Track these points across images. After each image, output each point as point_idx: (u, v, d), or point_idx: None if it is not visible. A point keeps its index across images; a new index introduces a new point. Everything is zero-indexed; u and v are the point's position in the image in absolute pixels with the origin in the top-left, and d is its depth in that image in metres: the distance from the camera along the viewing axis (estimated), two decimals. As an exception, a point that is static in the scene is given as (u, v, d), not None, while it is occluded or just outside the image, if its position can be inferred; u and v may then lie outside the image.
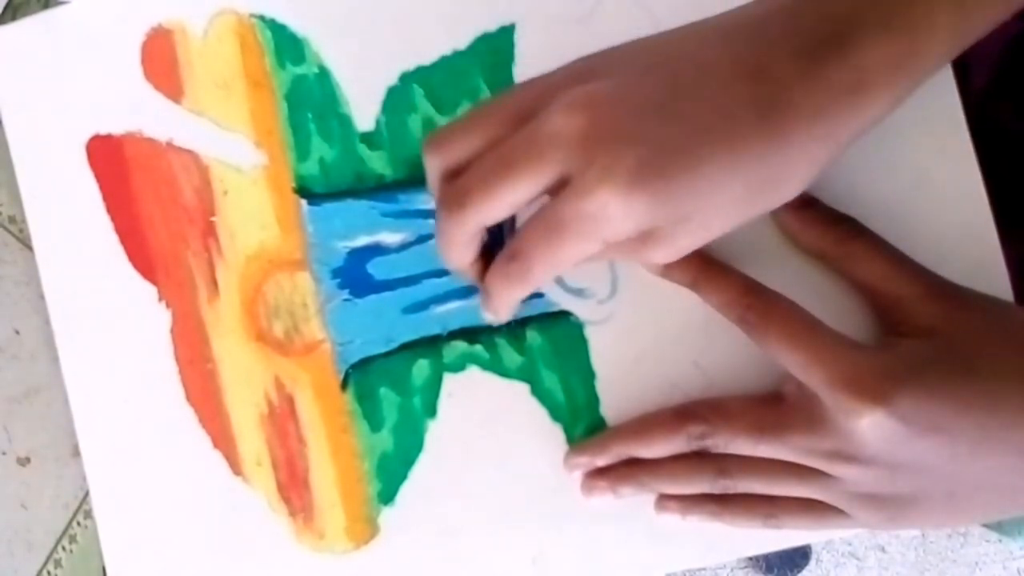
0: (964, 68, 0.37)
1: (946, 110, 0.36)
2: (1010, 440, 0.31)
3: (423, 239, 0.38)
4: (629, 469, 0.37)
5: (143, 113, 0.40)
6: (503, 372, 0.38)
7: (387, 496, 0.39)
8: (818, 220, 0.36)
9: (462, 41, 0.38)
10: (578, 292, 0.38)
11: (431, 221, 0.38)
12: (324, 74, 0.39)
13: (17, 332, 0.40)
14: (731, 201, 0.29)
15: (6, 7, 0.41)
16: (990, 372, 0.32)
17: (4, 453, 0.40)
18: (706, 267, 0.35)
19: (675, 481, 0.36)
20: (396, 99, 0.39)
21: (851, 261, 0.35)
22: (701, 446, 0.35)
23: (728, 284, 0.34)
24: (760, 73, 0.29)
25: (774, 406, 0.35)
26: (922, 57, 0.29)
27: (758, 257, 0.36)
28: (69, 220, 0.40)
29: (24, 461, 0.40)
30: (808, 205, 0.36)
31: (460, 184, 0.30)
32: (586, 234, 0.29)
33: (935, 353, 0.32)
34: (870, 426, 0.31)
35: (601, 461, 0.37)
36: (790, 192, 0.30)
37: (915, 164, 0.36)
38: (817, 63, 0.29)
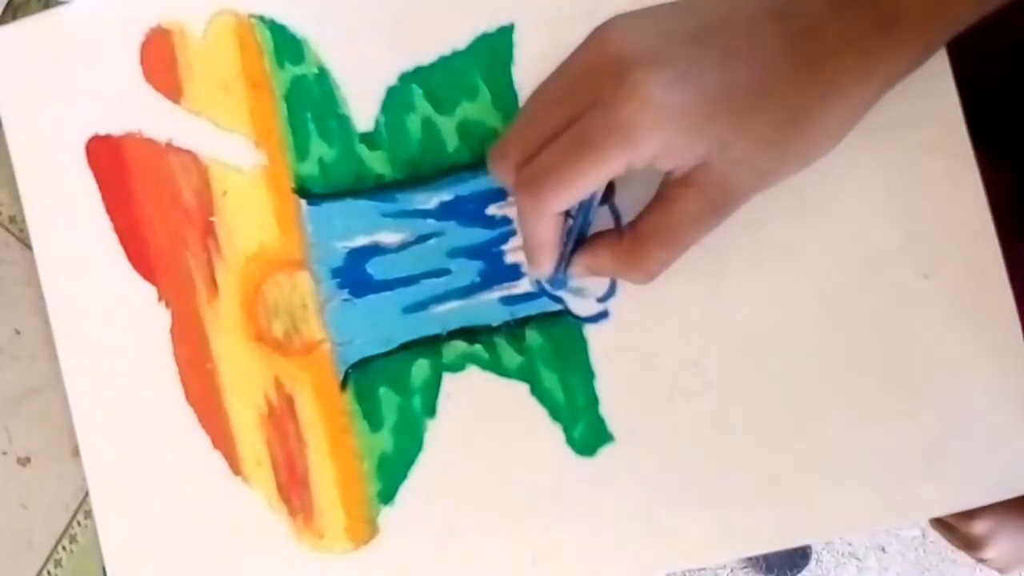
0: (979, 61, 0.37)
1: (944, 109, 0.36)
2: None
3: (422, 239, 0.39)
4: None
5: (142, 114, 0.40)
6: (502, 372, 0.38)
7: (387, 496, 0.39)
8: None
9: (461, 41, 0.38)
10: (577, 291, 0.38)
11: (430, 221, 0.38)
12: (323, 74, 0.39)
13: (17, 332, 0.40)
14: (765, 134, 0.30)
15: (6, 7, 0.41)
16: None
17: (4, 453, 0.40)
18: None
19: None
20: (395, 99, 0.39)
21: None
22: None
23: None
24: (789, 10, 0.29)
25: None
26: (954, 5, 0.30)
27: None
28: (69, 221, 0.40)
29: (24, 461, 0.40)
30: None
31: (535, 169, 0.30)
32: (613, 147, 0.29)
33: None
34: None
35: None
36: (825, 138, 0.30)
37: (914, 161, 0.36)
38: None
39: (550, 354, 0.38)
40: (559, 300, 0.38)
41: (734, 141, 0.29)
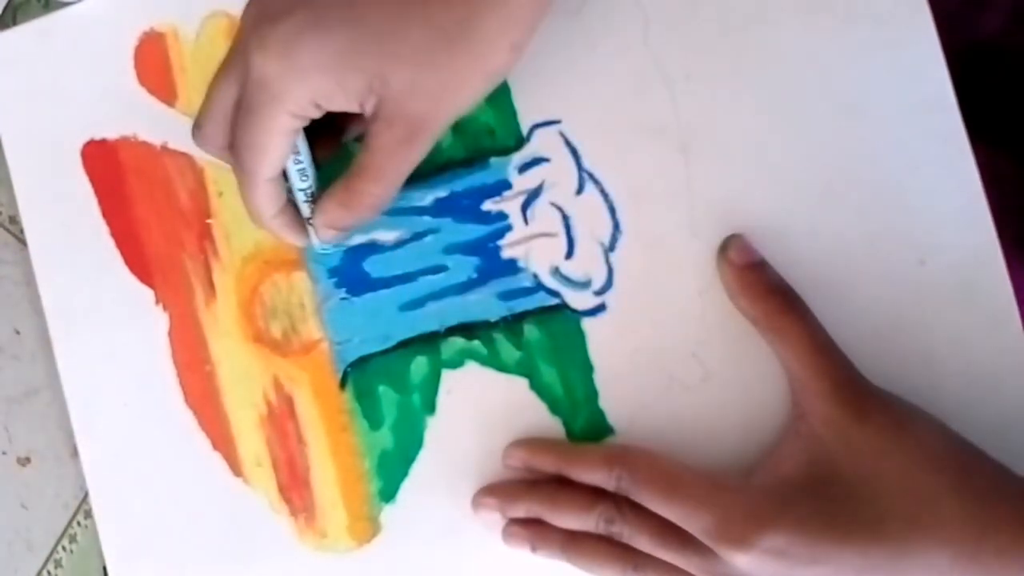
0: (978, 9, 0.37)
1: (938, 93, 0.36)
2: (896, 568, 0.31)
3: (418, 236, 0.39)
4: (546, 533, 0.36)
5: (137, 117, 0.40)
6: (501, 367, 0.38)
7: (388, 494, 0.39)
8: (756, 286, 0.36)
9: (453, 38, 0.38)
10: (574, 285, 0.38)
11: (426, 218, 0.38)
12: (317, 74, 0.39)
13: (17, 332, 0.40)
14: (419, 57, 0.29)
15: (6, 7, 0.41)
16: (872, 496, 0.32)
17: (4, 453, 0.40)
18: (568, 451, 0.36)
19: (590, 563, 0.36)
20: (389, 97, 0.39)
21: (777, 336, 0.35)
22: (607, 531, 0.35)
23: (594, 463, 0.35)
24: None
25: None
26: None
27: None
28: (65, 225, 0.40)
29: (24, 461, 0.40)
30: (752, 268, 0.36)
31: (233, 143, 0.32)
32: (266, 107, 0.30)
33: (812, 480, 0.33)
34: (746, 564, 0.32)
35: (510, 514, 0.37)
36: (492, 47, 0.30)
37: (909, 147, 0.36)
38: None
39: (548, 348, 0.38)
40: (556, 294, 0.38)
41: (390, 71, 0.29)
